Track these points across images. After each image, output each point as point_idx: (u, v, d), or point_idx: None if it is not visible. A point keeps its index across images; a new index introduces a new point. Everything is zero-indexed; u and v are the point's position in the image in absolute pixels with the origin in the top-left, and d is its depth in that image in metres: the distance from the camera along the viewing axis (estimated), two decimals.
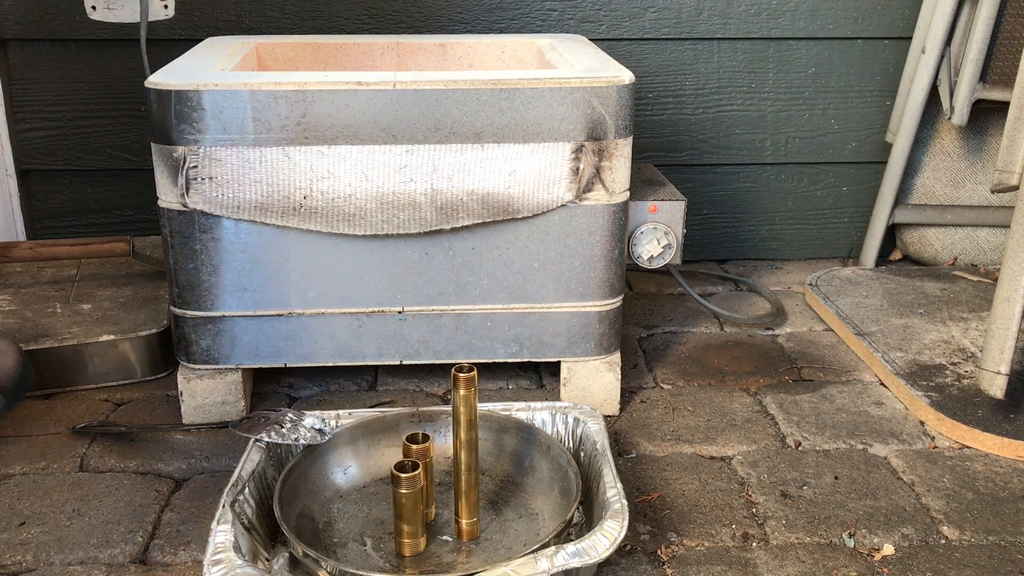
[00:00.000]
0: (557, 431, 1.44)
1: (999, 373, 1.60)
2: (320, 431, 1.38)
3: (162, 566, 1.25)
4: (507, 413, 1.45)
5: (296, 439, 1.36)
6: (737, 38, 2.23)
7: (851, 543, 1.30)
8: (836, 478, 1.46)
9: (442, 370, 1.79)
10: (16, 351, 1.50)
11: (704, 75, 2.25)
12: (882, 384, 1.75)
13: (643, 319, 2.05)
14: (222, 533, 1.16)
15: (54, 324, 1.73)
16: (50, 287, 1.92)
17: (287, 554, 1.22)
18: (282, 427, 1.38)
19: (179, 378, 1.57)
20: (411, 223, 1.47)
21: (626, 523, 1.17)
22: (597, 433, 1.39)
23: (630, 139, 1.49)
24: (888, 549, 1.29)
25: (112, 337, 1.69)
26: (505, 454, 1.43)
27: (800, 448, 1.54)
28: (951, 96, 2.12)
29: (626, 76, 1.47)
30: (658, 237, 1.65)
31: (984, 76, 2.07)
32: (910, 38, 2.22)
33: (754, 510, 1.38)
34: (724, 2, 2.19)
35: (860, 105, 2.29)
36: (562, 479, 1.32)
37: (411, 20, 2.16)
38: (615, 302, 1.59)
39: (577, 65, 1.55)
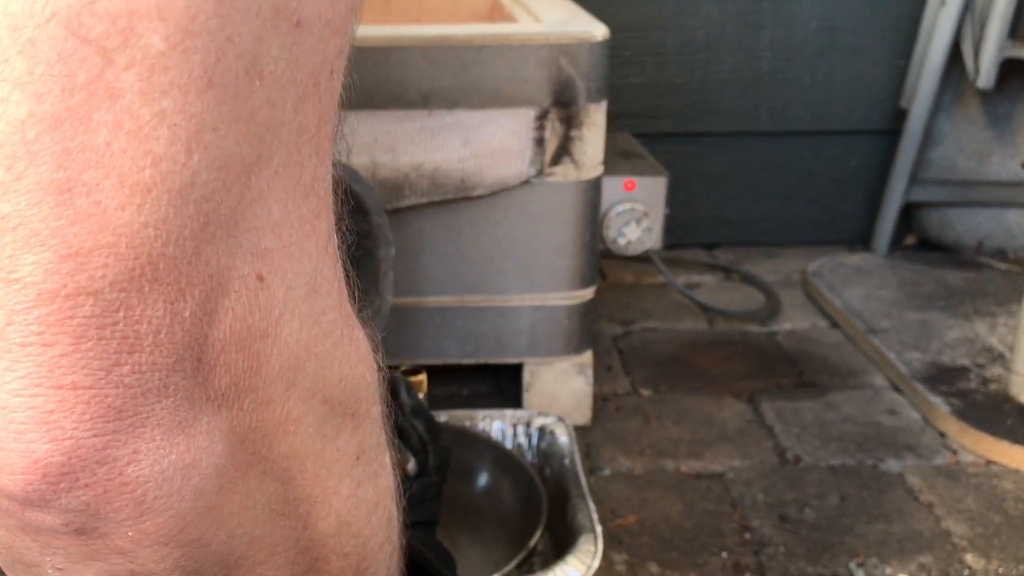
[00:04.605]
0: (518, 444, 1.45)
1: None
2: None
3: None
4: (460, 423, 1.45)
5: None
6: None
7: (860, 574, 1.31)
8: (843, 498, 1.47)
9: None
10: None
11: (689, 30, 2.25)
12: (896, 389, 1.76)
13: (619, 314, 2.06)
14: None
15: None
16: None
17: None
18: None
19: None
20: None
21: (599, 551, 1.17)
22: (565, 446, 1.39)
23: (604, 105, 1.50)
24: None
25: None
26: (458, 471, 1.43)
27: (801, 464, 1.55)
28: (976, 55, 2.13)
29: (599, 31, 1.47)
30: (636, 218, 1.65)
31: (1014, 32, 2.08)
32: None
33: (748, 536, 1.39)
34: None
35: (870, 66, 2.31)
36: (524, 500, 1.33)
37: None
38: (586, 294, 1.59)
39: (542, 18, 1.55)
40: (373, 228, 1.38)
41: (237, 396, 0.43)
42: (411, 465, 0.80)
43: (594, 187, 1.53)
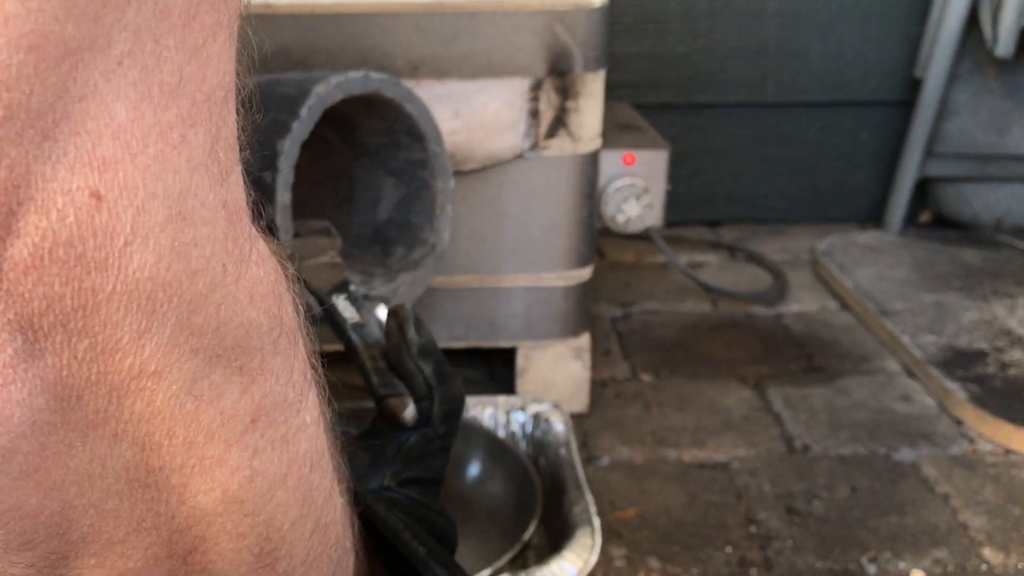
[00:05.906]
0: (512, 432, 1.44)
1: None
2: None
3: None
4: None
5: None
6: None
7: (872, 569, 1.30)
8: (854, 490, 1.46)
9: None
10: None
11: None
12: (910, 374, 1.76)
13: (618, 295, 2.05)
14: None
15: None
16: None
17: None
18: None
19: None
20: None
21: (597, 545, 1.16)
22: (561, 435, 1.39)
23: (602, 74, 1.49)
24: None
25: None
26: (449, 461, 1.43)
27: (810, 453, 1.55)
28: (994, 22, 2.12)
29: None
30: (636, 194, 1.64)
31: None
32: None
33: (753, 529, 1.38)
34: None
35: (883, 33, 2.30)
36: (518, 491, 1.32)
37: None
38: (583, 274, 1.58)
39: None
40: (429, 156, 1.35)
41: (67, 340, 0.37)
42: (409, 412, 0.75)
43: (592, 161, 1.52)
